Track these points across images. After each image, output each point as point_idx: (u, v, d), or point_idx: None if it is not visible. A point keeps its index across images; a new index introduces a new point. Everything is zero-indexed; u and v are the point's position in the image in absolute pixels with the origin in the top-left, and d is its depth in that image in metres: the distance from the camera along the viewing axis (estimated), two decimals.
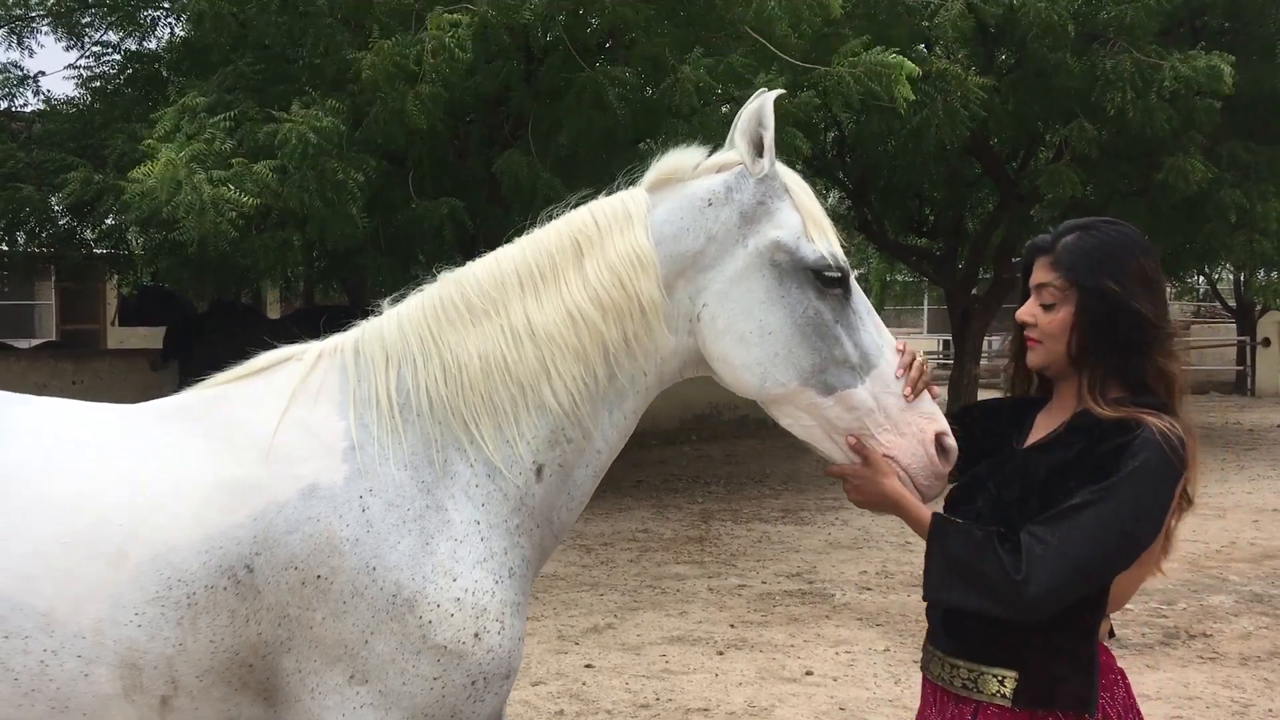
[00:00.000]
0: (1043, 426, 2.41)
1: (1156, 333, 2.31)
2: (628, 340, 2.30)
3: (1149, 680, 5.89)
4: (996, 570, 2.15)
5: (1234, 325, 26.97)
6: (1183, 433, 2.24)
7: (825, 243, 2.32)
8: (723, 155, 2.42)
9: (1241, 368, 24.15)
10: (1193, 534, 9.61)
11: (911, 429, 2.31)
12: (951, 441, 2.33)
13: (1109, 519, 2.15)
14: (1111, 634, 2.47)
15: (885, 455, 2.29)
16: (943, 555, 2.24)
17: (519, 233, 2.46)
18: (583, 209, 2.40)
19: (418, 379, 2.27)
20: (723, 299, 2.31)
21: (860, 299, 2.36)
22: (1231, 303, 27.47)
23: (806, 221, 2.33)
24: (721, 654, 6.46)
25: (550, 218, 2.43)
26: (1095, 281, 2.29)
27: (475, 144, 10.86)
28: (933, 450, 2.31)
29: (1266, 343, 23.37)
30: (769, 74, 8.57)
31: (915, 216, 19.41)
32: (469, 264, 2.42)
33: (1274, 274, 19.14)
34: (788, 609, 7.46)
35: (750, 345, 2.30)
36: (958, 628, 2.36)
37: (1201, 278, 28.09)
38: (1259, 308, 24.28)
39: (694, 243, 2.33)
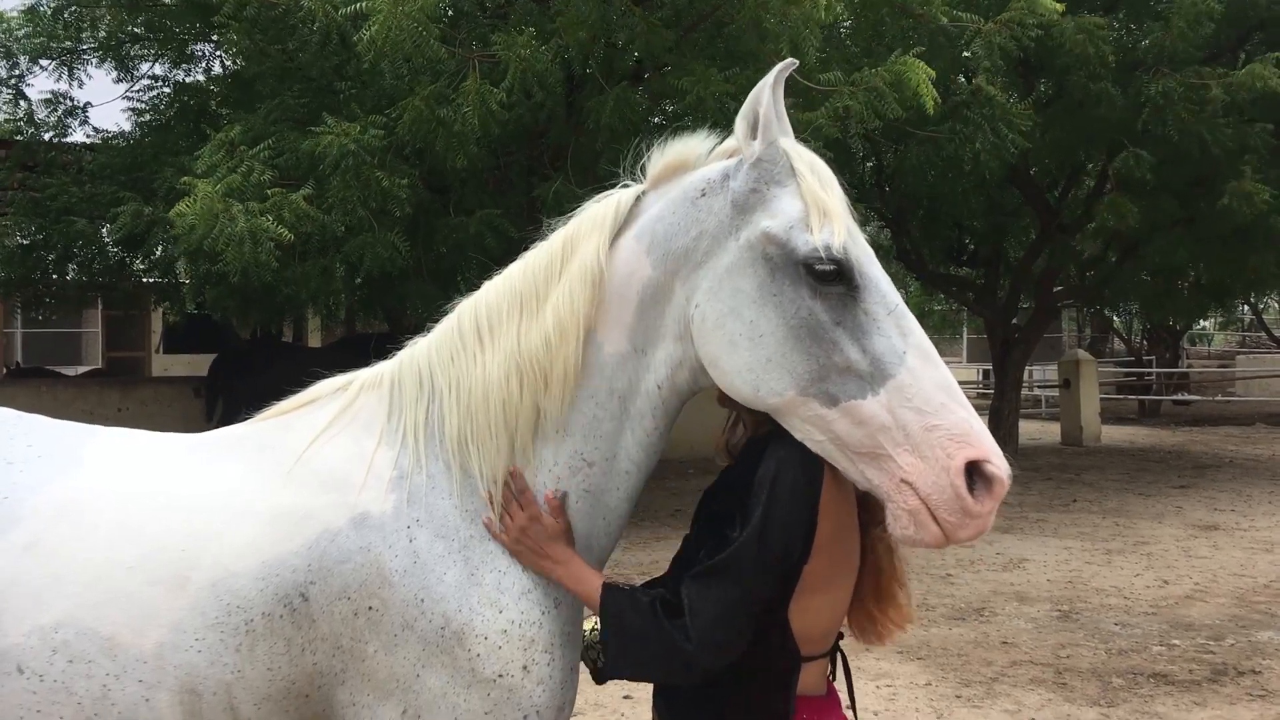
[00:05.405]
0: None
1: None
2: (608, 355, 2.19)
3: (1196, 718, 5.78)
4: (666, 641, 2.06)
5: None
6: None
7: (826, 232, 2.03)
8: (735, 140, 2.20)
9: None
10: (1240, 568, 9.44)
11: (936, 452, 1.96)
12: (994, 469, 1.96)
13: (747, 551, 2.05)
14: (833, 676, 2.32)
15: (903, 481, 1.98)
16: (619, 631, 2.12)
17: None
18: (579, 212, 2.29)
19: (442, 411, 2.24)
20: (713, 297, 2.10)
21: (878, 298, 2.04)
22: (1278, 332, 27.07)
23: (810, 210, 2.05)
24: None
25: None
26: None
27: (516, 174, 10.95)
28: (960, 480, 1.95)
29: None
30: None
31: (955, 246, 19.35)
32: (488, 282, 2.34)
33: None
34: None
35: (740, 348, 2.06)
36: (670, 699, 2.30)
37: (1246, 308, 27.77)
38: None
39: (686, 239, 2.14)
